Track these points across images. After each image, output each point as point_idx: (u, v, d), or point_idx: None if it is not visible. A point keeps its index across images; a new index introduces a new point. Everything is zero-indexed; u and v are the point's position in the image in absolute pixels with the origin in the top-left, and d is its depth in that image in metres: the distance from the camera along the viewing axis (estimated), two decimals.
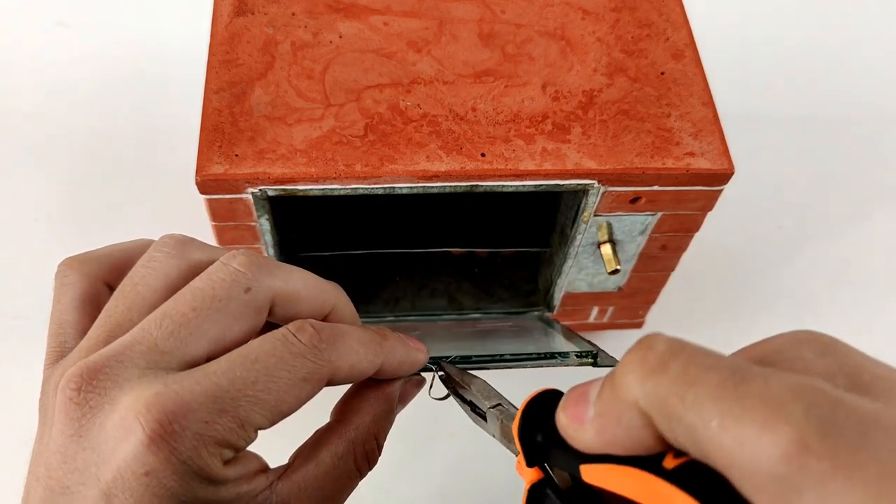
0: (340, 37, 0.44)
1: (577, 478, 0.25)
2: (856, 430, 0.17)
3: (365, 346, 0.28)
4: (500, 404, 0.30)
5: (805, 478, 0.16)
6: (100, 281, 0.29)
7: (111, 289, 0.29)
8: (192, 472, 0.23)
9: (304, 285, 0.28)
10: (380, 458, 0.30)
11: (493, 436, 0.30)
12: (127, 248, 0.30)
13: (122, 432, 0.22)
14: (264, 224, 0.41)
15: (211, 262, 0.27)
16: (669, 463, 0.19)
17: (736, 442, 0.17)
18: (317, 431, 0.29)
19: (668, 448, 0.20)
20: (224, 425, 0.23)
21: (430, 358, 0.32)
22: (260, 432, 0.25)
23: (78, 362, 0.24)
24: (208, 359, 0.25)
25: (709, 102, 0.43)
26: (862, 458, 0.16)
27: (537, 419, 0.24)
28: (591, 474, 0.22)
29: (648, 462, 0.20)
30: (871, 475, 0.16)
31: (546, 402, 0.24)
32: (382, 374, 0.29)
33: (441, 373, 0.33)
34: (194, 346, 0.24)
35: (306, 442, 0.29)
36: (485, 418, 0.30)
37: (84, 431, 0.23)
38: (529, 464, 0.25)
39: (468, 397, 0.31)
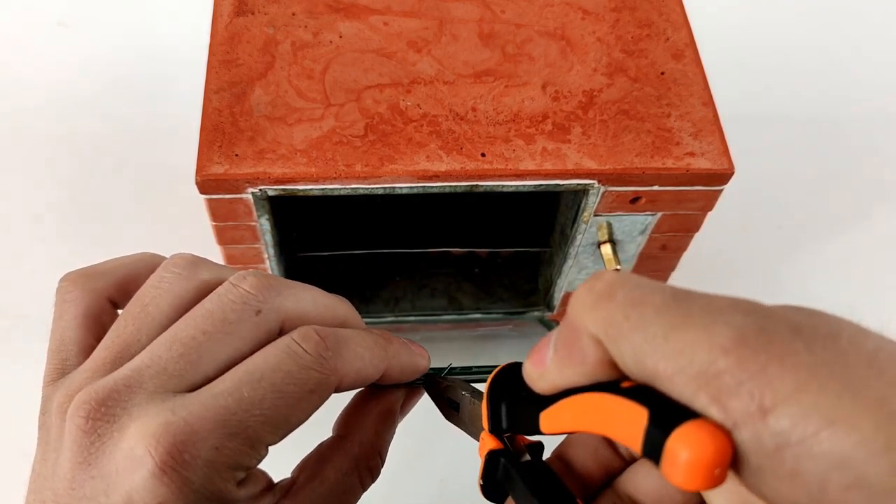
0: (340, 37, 0.44)
1: (536, 458, 0.26)
2: (790, 329, 0.18)
3: (370, 350, 0.27)
4: (474, 391, 0.30)
5: (742, 369, 0.17)
6: (103, 298, 0.28)
7: (114, 306, 0.28)
8: (204, 500, 0.23)
9: (314, 305, 0.27)
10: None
11: (461, 424, 0.30)
12: (131, 263, 0.29)
13: (132, 463, 0.22)
14: (264, 224, 0.41)
15: (221, 283, 0.27)
16: (624, 385, 0.20)
17: (677, 347, 0.18)
18: (320, 445, 0.29)
19: (621, 377, 0.21)
20: (235, 448, 0.23)
21: (431, 369, 0.32)
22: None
23: (86, 387, 0.24)
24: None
25: (709, 102, 0.43)
26: (795, 347, 0.17)
27: (504, 387, 0.25)
28: (549, 420, 0.23)
29: (601, 387, 0.21)
30: (802, 362, 0.17)
31: (513, 373, 0.25)
32: (387, 378, 0.29)
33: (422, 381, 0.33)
34: (204, 369, 0.24)
35: (309, 456, 0.28)
36: (458, 408, 0.31)
37: (93, 460, 0.23)
38: (491, 427, 0.26)
39: (447, 394, 0.31)
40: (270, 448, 0.25)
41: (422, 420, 0.33)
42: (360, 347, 0.27)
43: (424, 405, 0.33)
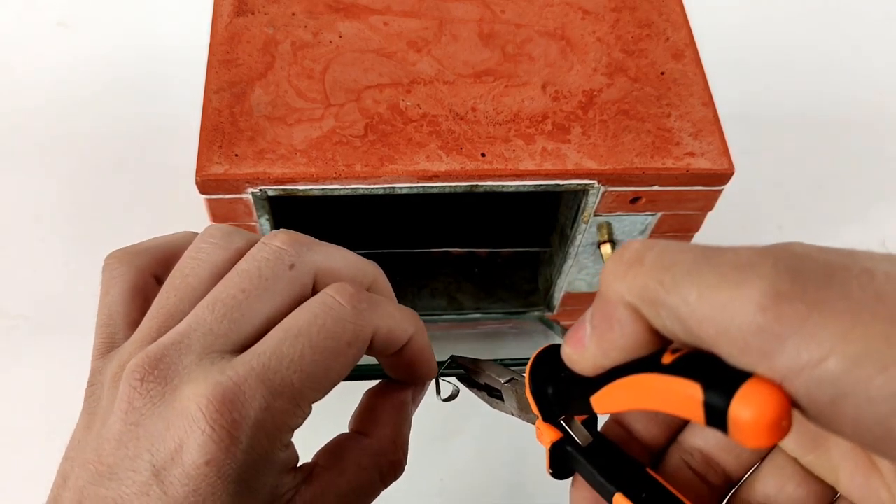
0: (340, 37, 0.44)
1: (594, 431, 0.26)
2: (823, 273, 0.17)
3: (400, 312, 0.28)
4: (513, 378, 0.30)
5: (782, 324, 0.17)
6: (148, 273, 0.29)
7: (158, 280, 0.29)
8: (251, 461, 0.23)
9: (345, 261, 0.28)
10: None
11: (512, 413, 0.30)
12: (173, 240, 0.30)
13: (184, 422, 0.23)
14: (264, 224, 0.41)
15: None
16: (666, 359, 0.20)
17: (715, 308, 0.18)
18: (338, 438, 0.29)
19: (663, 346, 0.21)
20: (281, 408, 0.24)
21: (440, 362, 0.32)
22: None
23: (138, 353, 0.24)
24: (260, 336, 0.25)
25: (709, 102, 0.43)
26: (831, 295, 0.17)
27: (545, 374, 0.25)
28: (601, 402, 0.22)
29: (647, 365, 0.21)
30: (842, 309, 0.17)
31: (551, 357, 0.25)
32: (408, 354, 0.29)
33: (449, 369, 0.33)
34: (247, 327, 0.25)
35: (328, 446, 0.29)
36: (501, 398, 0.31)
37: (143, 420, 0.23)
38: (545, 417, 0.26)
39: (483, 381, 0.32)
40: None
41: (420, 420, 0.33)
42: (391, 307, 0.27)
43: (423, 405, 0.33)
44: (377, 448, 0.29)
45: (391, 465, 0.29)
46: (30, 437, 0.50)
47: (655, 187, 0.41)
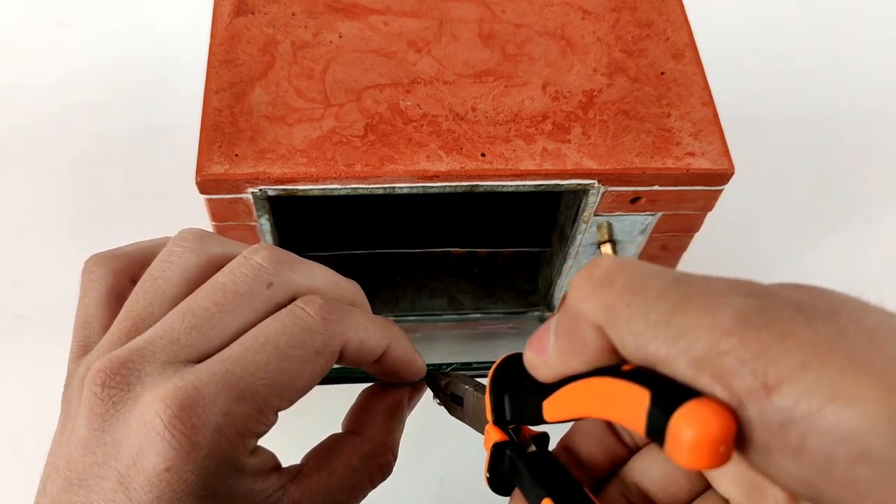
0: (340, 37, 0.44)
1: (543, 450, 0.26)
2: (791, 308, 0.18)
3: (373, 323, 0.28)
4: (477, 385, 0.30)
5: (746, 349, 0.17)
6: (125, 277, 0.29)
7: (136, 284, 0.29)
8: (213, 466, 0.23)
9: (325, 282, 0.28)
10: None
11: (464, 420, 0.30)
12: (153, 245, 0.30)
13: (143, 428, 0.23)
14: (264, 224, 0.41)
15: (229, 257, 0.27)
16: (626, 367, 0.20)
17: (679, 333, 0.18)
18: (330, 437, 0.29)
19: (623, 360, 0.21)
20: (243, 413, 0.23)
21: (431, 365, 0.32)
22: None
23: (102, 357, 0.24)
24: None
25: (709, 102, 0.43)
26: (797, 326, 0.17)
27: (506, 379, 0.25)
28: (552, 408, 0.23)
29: (605, 371, 0.21)
30: (805, 340, 0.17)
31: (514, 364, 0.25)
32: (388, 362, 0.29)
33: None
34: (215, 340, 0.25)
35: (319, 447, 0.29)
36: (461, 403, 0.31)
37: (107, 426, 0.23)
38: (495, 420, 0.26)
39: (449, 389, 0.32)
40: (277, 442, 0.25)
41: (420, 421, 0.33)
42: (363, 319, 0.27)
43: (424, 406, 0.33)
44: (368, 449, 0.29)
45: (380, 467, 0.29)
46: (30, 437, 0.49)
47: (655, 187, 0.41)
